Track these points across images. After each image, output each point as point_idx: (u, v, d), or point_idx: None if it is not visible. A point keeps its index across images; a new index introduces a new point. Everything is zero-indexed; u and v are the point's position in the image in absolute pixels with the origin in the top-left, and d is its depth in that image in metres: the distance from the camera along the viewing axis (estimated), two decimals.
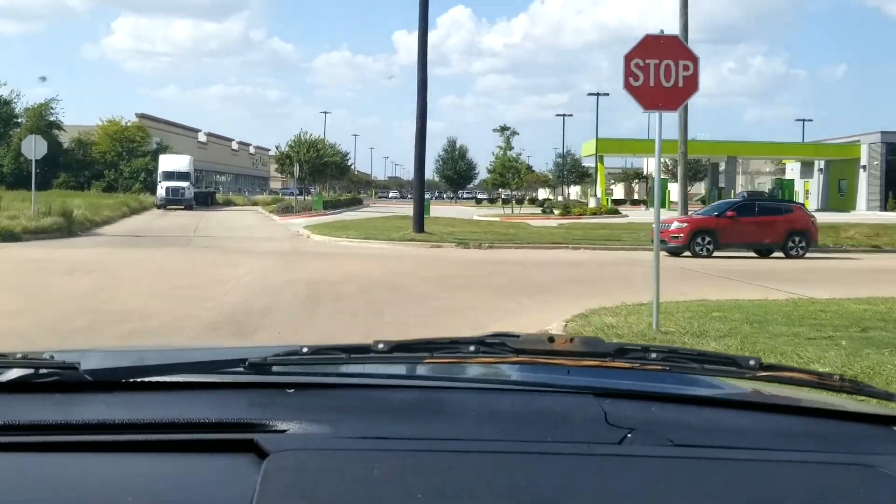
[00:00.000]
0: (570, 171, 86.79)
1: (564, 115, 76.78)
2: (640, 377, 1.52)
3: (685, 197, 29.09)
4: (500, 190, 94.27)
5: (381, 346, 1.42)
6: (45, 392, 1.36)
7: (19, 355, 1.43)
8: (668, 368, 1.51)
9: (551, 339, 1.51)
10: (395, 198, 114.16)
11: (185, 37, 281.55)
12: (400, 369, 1.58)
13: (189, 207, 48.39)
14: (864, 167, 56.39)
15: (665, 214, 47.07)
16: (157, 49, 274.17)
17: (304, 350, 1.43)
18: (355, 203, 65.10)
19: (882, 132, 55.89)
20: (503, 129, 45.78)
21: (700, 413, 1.42)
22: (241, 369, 1.40)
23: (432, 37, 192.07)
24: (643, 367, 1.50)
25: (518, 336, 1.51)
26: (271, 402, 1.33)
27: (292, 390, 1.39)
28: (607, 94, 63.26)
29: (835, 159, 60.14)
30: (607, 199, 60.42)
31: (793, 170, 67.36)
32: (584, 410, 1.36)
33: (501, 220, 41.90)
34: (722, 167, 61.42)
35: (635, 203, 75.18)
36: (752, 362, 1.50)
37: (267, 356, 1.41)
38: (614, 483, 1.14)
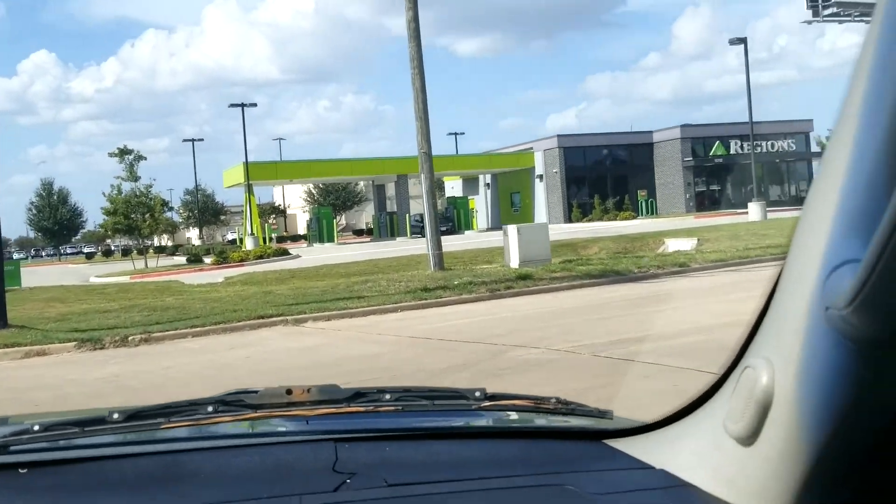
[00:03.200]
0: (202, 209, 73.77)
1: (194, 139, 63.86)
2: (376, 419, 1.55)
3: (435, 220, 19.66)
4: (108, 241, 78.14)
5: (116, 415, 1.38)
6: None
7: None
8: (401, 408, 1.56)
9: (289, 391, 1.50)
10: None
11: None
12: (135, 438, 1.50)
13: None
14: (541, 176, 51.56)
15: (402, 246, 37.33)
16: None
17: (36, 427, 1.38)
18: None
19: (559, 136, 51.16)
20: (123, 152, 32.52)
21: (426, 447, 1.45)
22: None
23: (14, 83, 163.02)
24: (377, 409, 1.54)
25: (257, 392, 1.49)
26: (2, 485, 1.31)
27: (25, 470, 1.35)
28: (255, 105, 52.04)
29: (503, 171, 55.00)
30: (265, 238, 49.37)
31: (454, 188, 61.91)
32: (318, 459, 1.36)
33: (134, 280, 29.43)
34: (391, 191, 53.57)
35: (282, 240, 64.70)
36: (477, 393, 1.55)
37: None
38: None
